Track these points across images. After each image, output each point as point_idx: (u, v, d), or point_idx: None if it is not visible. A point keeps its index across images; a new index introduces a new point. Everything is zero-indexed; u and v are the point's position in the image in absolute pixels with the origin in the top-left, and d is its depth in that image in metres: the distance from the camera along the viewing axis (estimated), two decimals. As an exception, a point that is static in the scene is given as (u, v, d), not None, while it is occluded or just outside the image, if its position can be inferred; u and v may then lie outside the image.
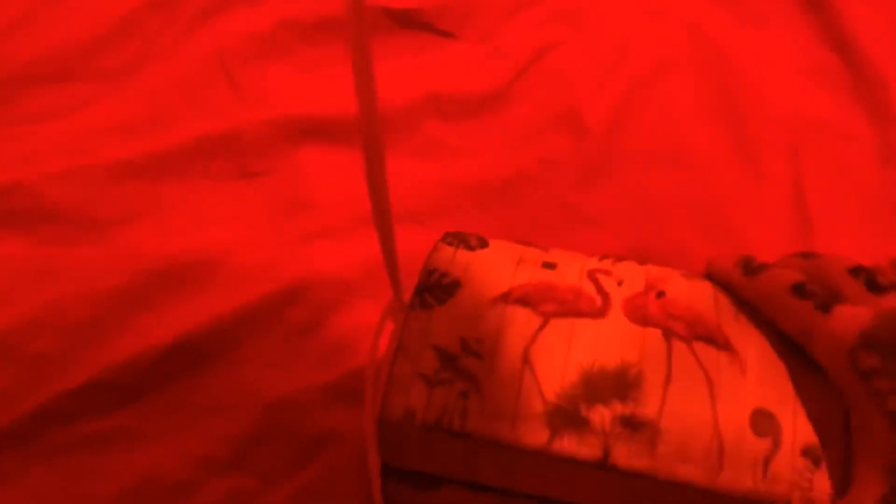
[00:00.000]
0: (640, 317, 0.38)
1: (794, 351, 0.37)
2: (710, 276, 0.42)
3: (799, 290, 0.37)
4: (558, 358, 0.37)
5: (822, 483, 0.34)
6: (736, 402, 0.36)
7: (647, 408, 0.35)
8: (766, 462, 0.35)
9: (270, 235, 0.58)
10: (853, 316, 0.35)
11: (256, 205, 0.60)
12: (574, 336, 0.37)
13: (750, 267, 0.40)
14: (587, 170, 0.63)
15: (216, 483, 0.47)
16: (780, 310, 0.38)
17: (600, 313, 0.38)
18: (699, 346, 0.37)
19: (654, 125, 0.66)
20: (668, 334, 0.37)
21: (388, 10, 0.72)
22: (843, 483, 0.34)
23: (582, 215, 0.60)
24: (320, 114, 0.64)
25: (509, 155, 0.64)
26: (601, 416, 0.35)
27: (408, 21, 0.72)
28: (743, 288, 0.40)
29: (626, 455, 0.35)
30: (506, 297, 0.39)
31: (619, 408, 0.35)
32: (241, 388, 0.51)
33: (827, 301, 0.37)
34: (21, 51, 0.69)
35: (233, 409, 0.50)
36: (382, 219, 0.37)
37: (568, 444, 0.35)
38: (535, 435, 0.35)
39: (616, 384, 0.36)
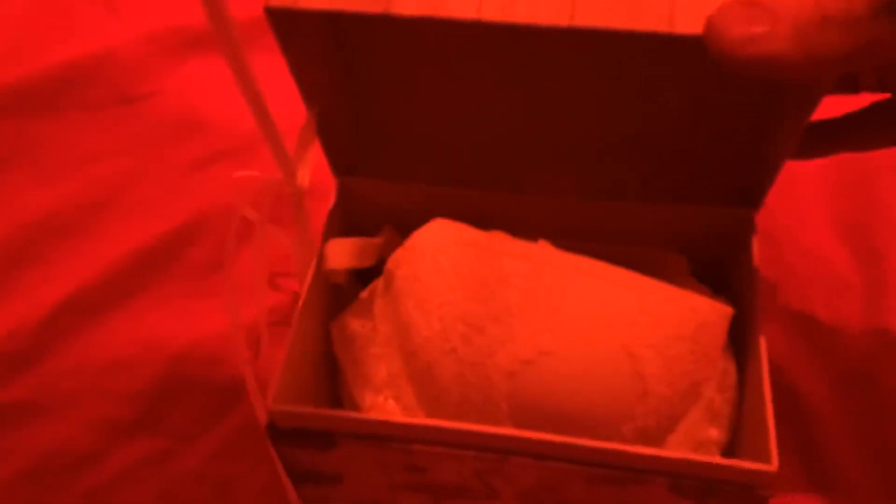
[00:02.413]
0: None
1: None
2: None
3: None
4: None
5: None
6: None
7: None
8: None
9: (160, 166, 0.53)
10: None
11: (141, 133, 0.54)
12: None
13: None
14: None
15: (126, 448, 0.44)
16: None
17: None
18: None
19: None
20: None
21: None
22: None
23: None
24: (202, 23, 0.57)
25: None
26: None
27: None
28: None
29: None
30: None
31: None
32: (143, 341, 0.47)
33: None
34: None
35: (135, 365, 0.46)
36: (268, 130, 0.32)
37: None
38: None
39: None
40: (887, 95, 0.36)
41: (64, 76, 0.55)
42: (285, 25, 0.31)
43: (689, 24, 0.28)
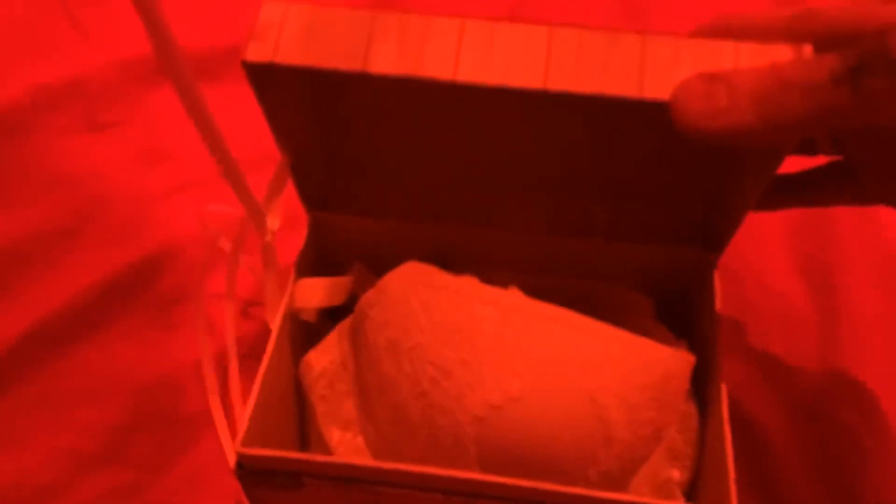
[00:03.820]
0: None
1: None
2: None
3: None
4: None
5: None
6: None
7: None
8: None
9: (128, 194, 0.52)
10: None
11: (109, 160, 0.54)
12: None
13: None
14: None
15: (90, 480, 0.43)
16: None
17: None
18: None
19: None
20: None
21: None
22: None
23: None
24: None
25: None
26: None
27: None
28: None
29: None
30: None
31: None
32: (109, 372, 0.46)
33: None
34: None
35: (102, 396, 0.46)
36: (227, 166, 0.32)
37: None
38: None
39: None
40: (840, 157, 0.38)
41: (32, 101, 0.55)
42: (262, 78, 0.31)
43: (658, 88, 0.29)
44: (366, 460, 0.36)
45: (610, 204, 0.41)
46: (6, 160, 0.53)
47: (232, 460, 0.38)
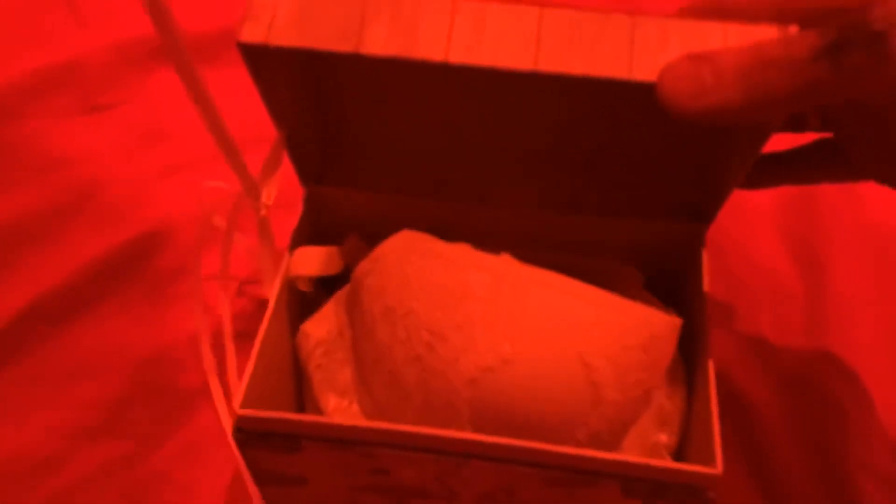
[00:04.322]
0: None
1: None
2: None
3: None
4: None
5: None
6: None
7: None
8: None
9: (125, 175, 0.53)
10: None
11: (108, 141, 0.55)
12: None
13: None
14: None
15: (88, 452, 0.44)
16: None
17: None
18: None
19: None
20: None
21: None
22: None
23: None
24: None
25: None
26: None
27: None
28: None
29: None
30: None
31: None
32: (108, 347, 0.47)
33: None
34: None
35: (100, 371, 0.46)
36: (223, 139, 0.33)
37: None
38: None
39: None
40: (830, 134, 0.39)
41: (30, 84, 0.55)
42: (256, 58, 0.32)
43: (647, 70, 0.29)
44: (362, 421, 0.37)
45: (600, 179, 0.42)
46: (4, 142, 0.54)
47: (229, 428, 0.39)
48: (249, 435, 0.35)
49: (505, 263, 0.36)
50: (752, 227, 0.52)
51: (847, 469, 0.43)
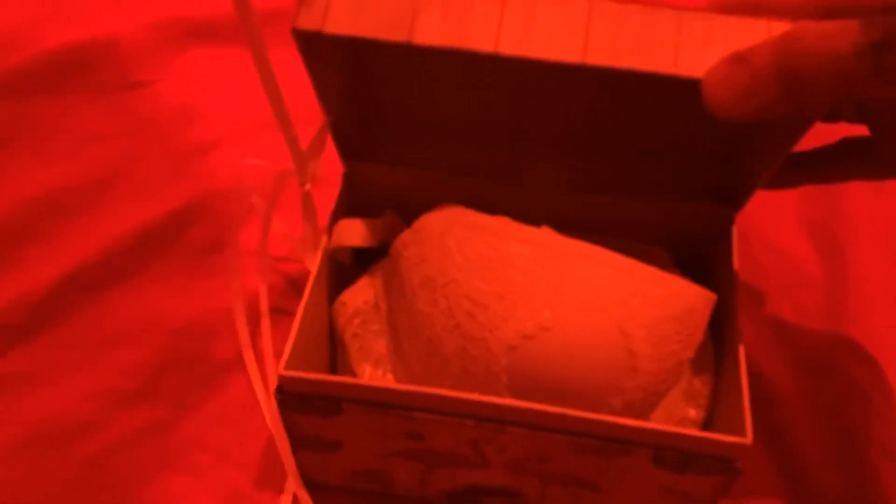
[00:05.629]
0: None
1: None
2: None
3: None
4: None
5: None
6: None
7: None
8: None
9: (162, 150, 0.54)
10: None
11: (142, 118, 0.56)
12: None
13: None
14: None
15: (125, 417, 0.45)
16: None
17: None
18: None
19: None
20: None
21: None
22: None
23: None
24: (205, 13, 0.59)
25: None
26: None
27: None
28: None
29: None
30: None
31: None
32: (144, 316, 0.48)
33: None
34: None
35: (136, 339, 0.47)
36: (283, 120, 0.34)
37: None
38: None
39: None
40: (857, 132, 0.39)
41: (67, 60, 0.56)
42: (309, 44, 0.33)
43: (692, 66, 0.30)
44: (404, 385, 0.38)
45: (633, 163, 0.43)
46: (43, 116, 0.55)
47: (263, 397, 0.40)
48: (290, 397, 0.36)
49: (545, 235, 0.37)
50: (773, 214, 0.53)
51: (866, 452, 0.44)
